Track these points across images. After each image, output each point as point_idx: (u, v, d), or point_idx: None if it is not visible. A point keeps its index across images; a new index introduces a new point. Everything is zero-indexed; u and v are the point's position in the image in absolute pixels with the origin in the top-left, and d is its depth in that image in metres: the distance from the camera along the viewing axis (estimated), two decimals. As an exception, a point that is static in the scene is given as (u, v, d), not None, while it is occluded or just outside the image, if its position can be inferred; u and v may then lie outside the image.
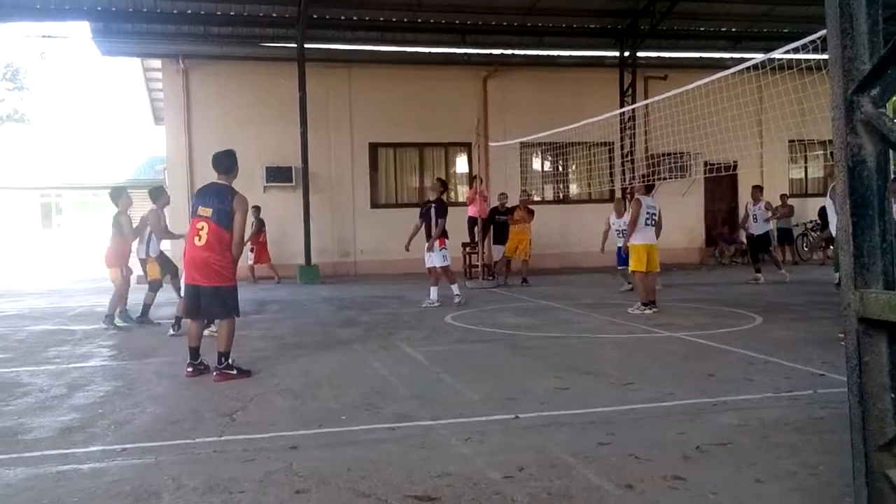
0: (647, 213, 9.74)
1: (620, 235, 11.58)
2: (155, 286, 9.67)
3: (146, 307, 9.62)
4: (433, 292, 10.94)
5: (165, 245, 10.36)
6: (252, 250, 15.07)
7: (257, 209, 14.68)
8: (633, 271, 9.89)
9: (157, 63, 17.45)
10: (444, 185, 12.16)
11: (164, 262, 9.86)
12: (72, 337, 8.66)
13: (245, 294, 12.86)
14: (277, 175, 16.56)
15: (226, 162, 6.42)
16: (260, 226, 15.31)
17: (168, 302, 10.54)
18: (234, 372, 6.07)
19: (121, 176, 30.97)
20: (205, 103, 16.62)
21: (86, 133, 35.35)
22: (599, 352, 7.07)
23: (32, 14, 15.00)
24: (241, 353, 7.35)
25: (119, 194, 9.51)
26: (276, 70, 16.35)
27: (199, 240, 6.11)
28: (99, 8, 15.05)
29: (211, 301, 6.17)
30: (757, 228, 13.90)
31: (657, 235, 10.08)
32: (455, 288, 10.96)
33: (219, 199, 6.13)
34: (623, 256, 11.07)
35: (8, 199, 30.58)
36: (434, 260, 10.86)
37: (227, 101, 16.63)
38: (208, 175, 16.55)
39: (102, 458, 4.14)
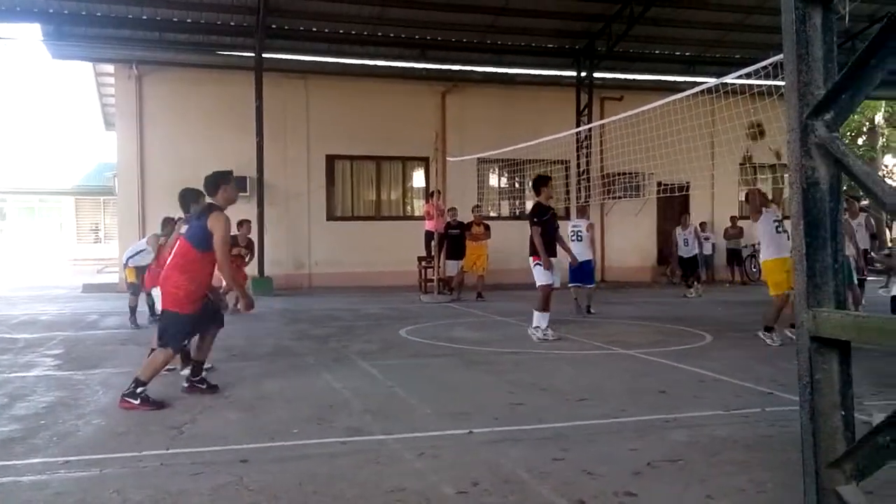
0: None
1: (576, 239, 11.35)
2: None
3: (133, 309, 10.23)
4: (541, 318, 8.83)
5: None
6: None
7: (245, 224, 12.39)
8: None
9: (109, 68, 17.07)
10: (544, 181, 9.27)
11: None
12: (13, 346, 8.37)
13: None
14: (232, 185, 16.32)
15: (209, 183, 5.94)
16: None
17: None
18: (137, 402, 5.34)
19: (69, 182, 30.23)
20: (158, 110, 16.32)
21: (34, 137, 34.45)
22: (553, 368, 7.10)
23: (-18, 15, 14.60)
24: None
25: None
26: (233, 79, 16.17)
27: (170, 257, 5.90)
28: (51, 10, 14.72)
29: (161, 323, 5.95)
30: (685, 252, 15.36)
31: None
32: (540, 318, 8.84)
33: (197, 217, 5.85)
34: (577, 272, 11.04)
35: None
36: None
37: (182, 109, 16.36)
38: (159, 183, 16.34)
39: (44, 470, 4.00)
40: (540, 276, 8.74)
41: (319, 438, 4.60)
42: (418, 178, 18.70)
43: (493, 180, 19.34)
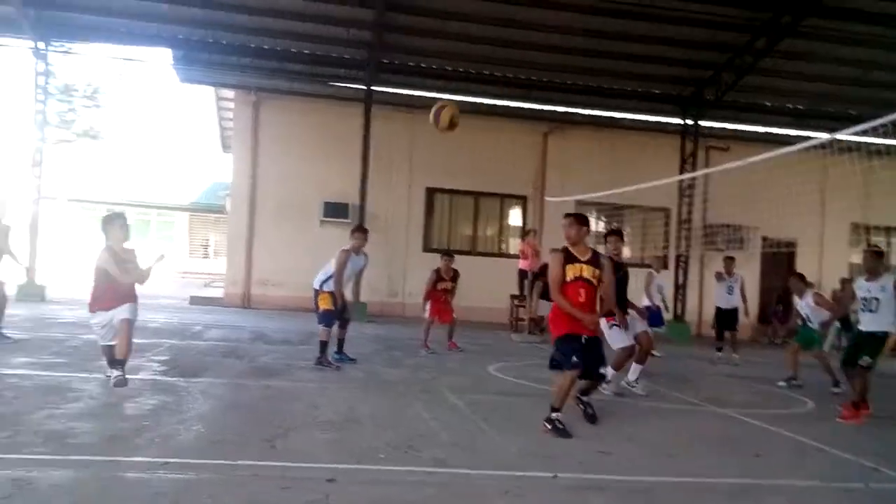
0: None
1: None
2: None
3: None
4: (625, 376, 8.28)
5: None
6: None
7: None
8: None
9: (230, 93, 18.11)
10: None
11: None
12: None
13: (297, 324, 13.07)
14: (334, 211, 16.84)
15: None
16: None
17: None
18: (549, 427, 5.77)
19: (185, 199, 31.87)
20: (272, 135, 17.12)
21: (155, 154, 36.56)
22: (643, 420, 6.93)
23: (118, 38, 15.74)
24: (283, 381, 7.47)
25: None
26: (343, 109, 16.76)
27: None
28: (180, 36, 15.71)
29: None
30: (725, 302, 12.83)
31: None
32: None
33: None
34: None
35: (77, 212, 31.72)
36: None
37: (294, 135, 17.10)
38: (269, 204, 17.05)
39: (145, 469, 4.22)
40: (616, 339, 7.84)
41: (405, 466, 4.66)
42: (515, 216, 18.77)
43: (591, 223, 19.15)
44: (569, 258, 5.99)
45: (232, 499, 3.81)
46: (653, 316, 11.61)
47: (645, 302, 11.33)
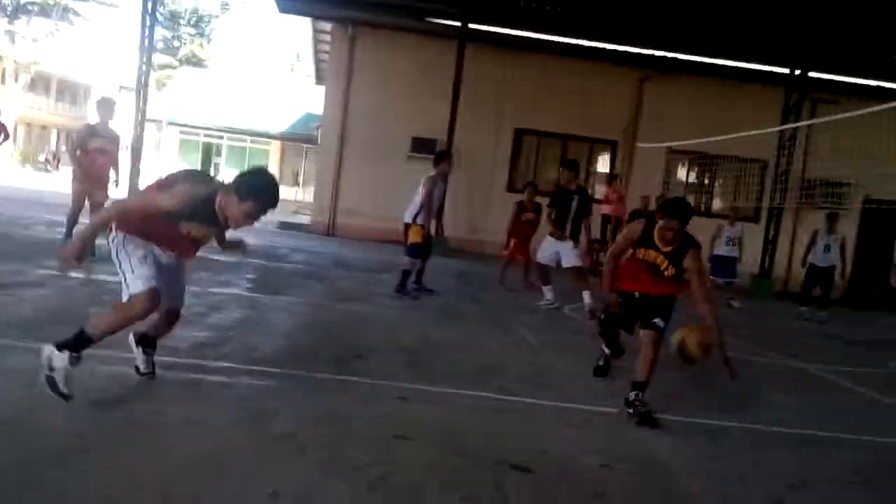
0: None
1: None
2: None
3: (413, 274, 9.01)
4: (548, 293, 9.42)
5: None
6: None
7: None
8: None
9: (327, 26, 18.24)
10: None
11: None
12: (214, 264, 9.21)
13: (379, 254, 13.39)
14: (421, 146, 16.93)
15: None
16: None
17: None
18: None
19: (276, 127, 32.60)
20: (365, 70, 17.23)
21: (252, 82, 37.36)
22: (718, 370, 6.83)
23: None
24: (362, 305, 7.71)
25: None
26: (436, 46, 16.66)
27: None
28: (282, -35, 15.86)
29: None
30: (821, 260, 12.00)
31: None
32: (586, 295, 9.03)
33: None
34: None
35: (177, 136, 33.01)
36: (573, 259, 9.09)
37: (386, 70, 17.16)
38: (359, 136, 17.30)
39: (230, 374, 4.48)
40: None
41: (473, 391, 4.78)
42: (603, 162, 18.43)
43: (682, 173, 18.66)
44: (646, 242, 4.90)
45: (309, 408, 4.02)
46: (720, 266, 12.33)
47: (715, 251, 12.36)
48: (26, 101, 43.12)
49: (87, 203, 8.54)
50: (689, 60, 17.18)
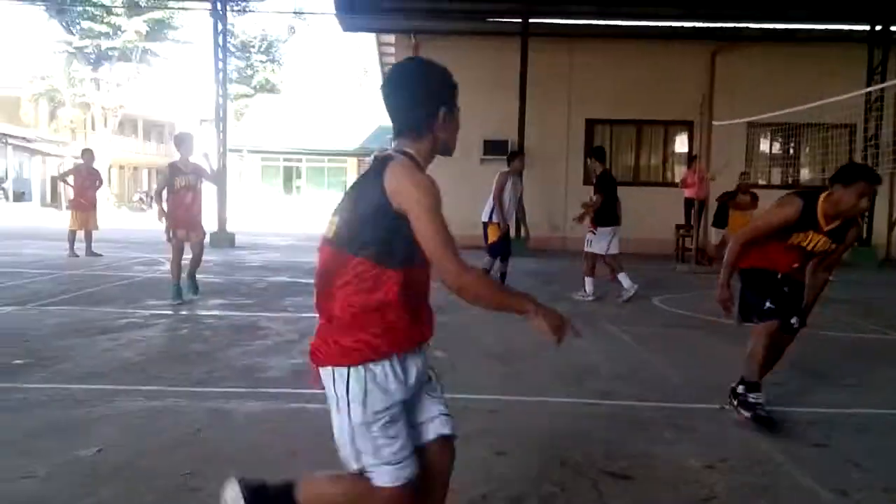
0: None
1: None
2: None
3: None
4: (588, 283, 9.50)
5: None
6: None
7: None
8: None
9: (390, 38, 18.52)
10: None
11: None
12: (305, 289, 9.46)
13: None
14: (494, 148, 16.93)
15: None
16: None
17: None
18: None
19: (351, 143, 33.20)
20: (430, 77, 17.37)
21: (324, 102, 38.17)
22: (819, 349, 6.54)
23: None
24: (447, 315, 7.75)
25: None
26: (499, 45, 16.65)
27: None
28: (341, -13, 16.18)
29: None
30: None
31: None
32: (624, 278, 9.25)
33: None
34: None
35: (258, 164, 34.14)
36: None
37: (453, 75, 17.20)
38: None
39: (326, 400, 4.59)
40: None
41: (570, 398, 4.76)
42: (681, 143, 17.98)
43: (764, 146, 18.01)
44: (808, 224, 4.22)
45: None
46: None
47: None
48: (116, 145, 45.34)
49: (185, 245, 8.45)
50: (760, 28, 16.59)
